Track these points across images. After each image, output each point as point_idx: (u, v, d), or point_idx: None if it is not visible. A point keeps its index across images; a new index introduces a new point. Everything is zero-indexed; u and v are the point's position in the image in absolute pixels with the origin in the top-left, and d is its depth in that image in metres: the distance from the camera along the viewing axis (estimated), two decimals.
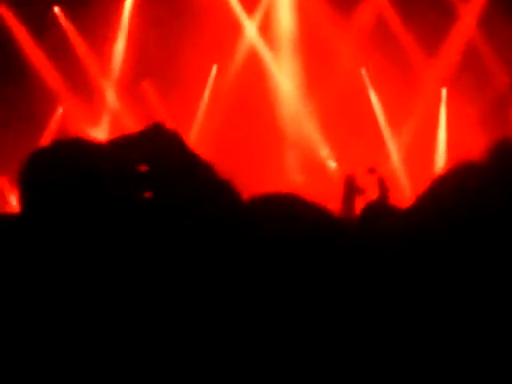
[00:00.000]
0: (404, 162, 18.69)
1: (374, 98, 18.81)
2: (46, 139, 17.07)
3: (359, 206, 15.45)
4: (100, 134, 17.07)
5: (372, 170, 16.05)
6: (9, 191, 15.76)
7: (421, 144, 18.43)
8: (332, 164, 17.82)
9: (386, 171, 16.20)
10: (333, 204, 16.38)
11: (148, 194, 1.67)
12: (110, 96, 18.14)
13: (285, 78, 18.72)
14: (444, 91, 18.79)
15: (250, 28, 18.66)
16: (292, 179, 17.47)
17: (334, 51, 18.53)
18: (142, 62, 17.82)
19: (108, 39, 17.92)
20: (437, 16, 17.67)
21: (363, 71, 18.82)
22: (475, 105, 17.70)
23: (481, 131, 17.06)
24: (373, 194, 15.92)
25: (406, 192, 17.92)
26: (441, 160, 18.60)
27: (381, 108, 18.83)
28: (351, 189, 16.26)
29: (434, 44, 18.38)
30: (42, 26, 17.18)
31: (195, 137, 18.40)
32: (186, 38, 17.40)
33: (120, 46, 18.25)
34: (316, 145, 18.53)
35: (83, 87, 17.55)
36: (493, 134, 16.65)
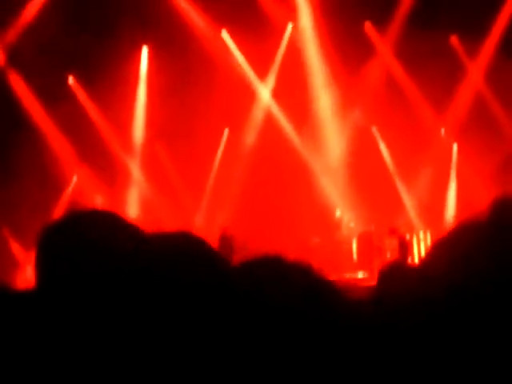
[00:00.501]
0: (420, 217, 18.64)
1: (386, 155, 18.90)
2: (60, 208, 17.16)
3: (378, 265, 15.43)
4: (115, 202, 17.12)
5: (393, 231, 15.94)
6: (24, 261, 15.67)
7: (434, 199, 18.46)
8: (350, 224, 17.77)
9: (405, 232, 16.14)
10: (349, 263, 16.39)
11: None
12: (134, 167, 18.28)
13: (296, 138, 18.85)
14: (455, 146, 18.87)
15: (264, 92, 18.90)
16: (308, 241, 17.45)
17: (345, 109, 18.72)
18: (158, 125, 18.05)
19: (123, 105, 18.09)
20: (445, 71, 17.85)
21: (374, 129, 18.96)
22: (486, 159, 17.76)
23: (491, 186, 17.10)
24: (393, 255, 15.88)
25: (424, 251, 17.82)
26: (450, 215, 18.59)
27: (393, 164, 18.89)
28: (369, 247, 16.22)
29: (444, 99, 18.51)
30: (55, 94, 17.42)
31: (208, 199, 18.50)
32: (200, 102, 17.63)
33: (139, 113, 18.53)
34: (331, 205, 18.53)
35: (98, 155, 17.67)
36: (503, 188, 16.70)
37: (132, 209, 17.19)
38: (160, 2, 17.23)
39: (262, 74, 18.88)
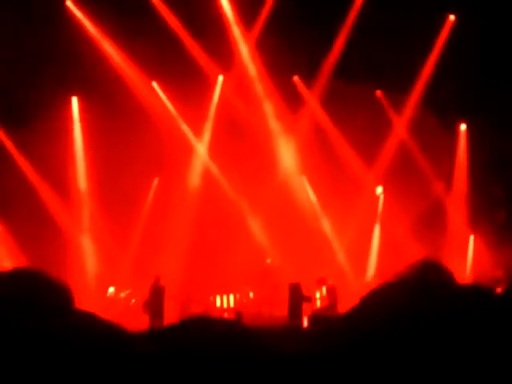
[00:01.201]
0: (348, 264, 18.99)
1: (315, 202, 19.24)
2: None
3: (307, 313, 15.66)
4: None
5: (321, 281, 16.45)
6: None
7: (361, 247, 18.91)
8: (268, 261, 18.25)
9: (334, 281, 16.47)
10: (281, 311, 16.53)
11: None
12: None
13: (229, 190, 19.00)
14: (381, 198, 19.36)
15: (199, 147, 19.06)
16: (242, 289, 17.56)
17: (275, 159, 19.05)
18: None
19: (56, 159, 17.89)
20: (371, 123, 18.43)
21: (304, 178, 19.31)
22: (409, 207, 18.33)
23: (414, 238, 17.71)
24: (322, 303, 16.21)
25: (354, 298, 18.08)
26: (372, 265, 19.05)
27: (322, 212, 19.23)
28: (298, 297, 16.52)
29: (370, 149, 19.01)
30: None
31: (137, 248, 18.38)
32: (131, 152, 17.64)
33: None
34: (263, 254, 18.70)
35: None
36: (425, 242, 17.34)
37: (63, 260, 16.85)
38: (89, 52, 17.27)
39: (194, 124, 19.02)
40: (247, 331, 1.63)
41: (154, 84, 18.74)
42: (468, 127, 19.46)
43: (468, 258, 19.06)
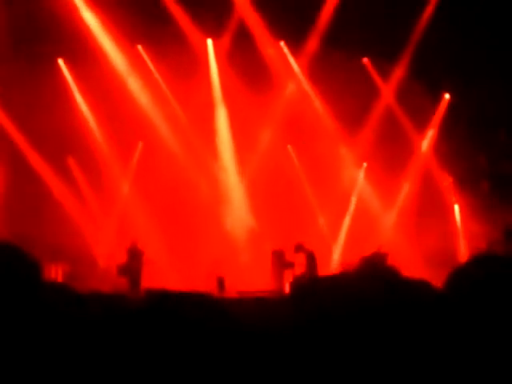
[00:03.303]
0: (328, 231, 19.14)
1: (301, 173, 19.27)
2: None
3: (288, 279, 15.83)
4: None
5: (299, 247, 16.62)
6: None
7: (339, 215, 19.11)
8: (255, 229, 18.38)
9: (312, 247, 16.65)
10: (264, 277, 16.68)
11: None
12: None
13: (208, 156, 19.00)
14: (364, 165, 19.40)
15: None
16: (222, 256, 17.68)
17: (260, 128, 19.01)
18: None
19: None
20: (357, 91, 18.38)
21: (289, 147, 19.32)
22: (393, 175, 18.47)
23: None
24: (301, 269, 16.38)
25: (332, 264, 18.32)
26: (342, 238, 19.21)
27: (307, 183, 19.28)
28: (280, 263, 16.70)
29: (356, 117, 19.00)
30: None
31: (119, 213, 18.39)
32: (114, 117, 17.59)
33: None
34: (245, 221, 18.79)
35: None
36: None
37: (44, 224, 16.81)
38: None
39: (180, 91, 18.89)
40: (219, 304, 1.68)
41: (139, 47, 18.62)
42: (452, 96, 19.45)
43: (458, 226, 19.15)
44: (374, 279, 1.77)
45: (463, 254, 18.00)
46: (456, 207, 19.29)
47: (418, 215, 18.30)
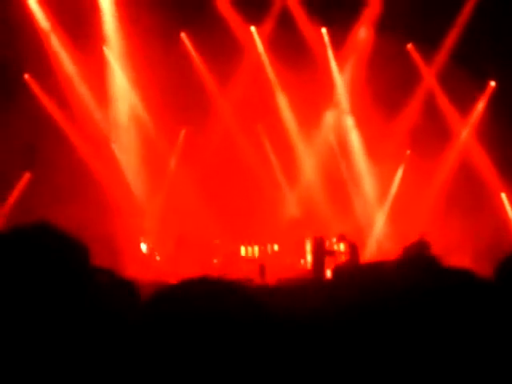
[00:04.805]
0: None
1: (343, 165, 19.22)
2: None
3: (330, 266, 15.80)
4: None
5: (342, 237, 16.60)
6: None
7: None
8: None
9: (355, 237, 16.59)
10: (305, 264, 16.70)
11: None
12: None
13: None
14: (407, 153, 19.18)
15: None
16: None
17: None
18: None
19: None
20: (401, 77, 18.17)
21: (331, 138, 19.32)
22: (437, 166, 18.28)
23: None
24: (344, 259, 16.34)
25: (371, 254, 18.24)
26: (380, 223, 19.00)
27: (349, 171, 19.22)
28: (321, 250, 16.67)
29: (398, 104, 18.82)
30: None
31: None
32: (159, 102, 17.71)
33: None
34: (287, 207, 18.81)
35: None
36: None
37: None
38: None
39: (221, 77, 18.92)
40: (249, 295, 1.67)
41: (183, 35, 18.70)
42: (498, 84, 19.09)
43: (508, 214, 18.79)
44: (416, 268, 1.77)
45: None
46: (503, 195, 18.94)
47: (460, 204, 18.01)
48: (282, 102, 19.08)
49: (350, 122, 19.18)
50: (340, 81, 19.24)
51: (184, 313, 1.60)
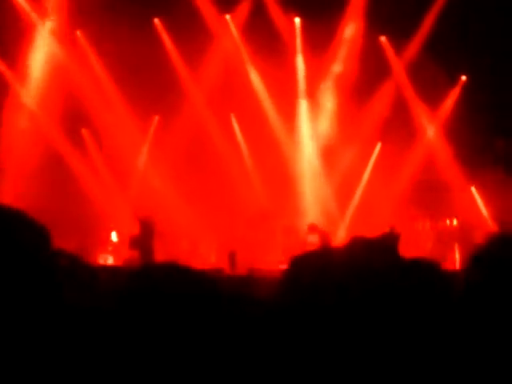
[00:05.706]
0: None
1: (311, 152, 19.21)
2: None
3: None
4: None
5: (313, 227, 16.65)
6: None
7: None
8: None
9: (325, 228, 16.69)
10: (275, 255, 16.70)
11: None
12: None
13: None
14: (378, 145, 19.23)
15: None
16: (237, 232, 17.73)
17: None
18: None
19: None
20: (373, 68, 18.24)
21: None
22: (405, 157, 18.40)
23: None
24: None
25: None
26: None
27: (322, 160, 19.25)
28: (294, 240, 16.72)
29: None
30: None
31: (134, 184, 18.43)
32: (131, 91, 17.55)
33: None
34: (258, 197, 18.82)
35: None
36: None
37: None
38: None
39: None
40: (213, 282, 1.68)
41: (157, 21, 18.60)
42: (469, 77, 19.18)
43: (480, 207, 18.91)
44: (368, 251, 1.78)
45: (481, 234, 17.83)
46: (473, 189, 19.07)
47: (429, 196, 18.11)
48: (255, 89, 19.01)
49: (303, 106, 19.17)
50: (302, 67, 19.15)
51: (149, 293, 1.63)
